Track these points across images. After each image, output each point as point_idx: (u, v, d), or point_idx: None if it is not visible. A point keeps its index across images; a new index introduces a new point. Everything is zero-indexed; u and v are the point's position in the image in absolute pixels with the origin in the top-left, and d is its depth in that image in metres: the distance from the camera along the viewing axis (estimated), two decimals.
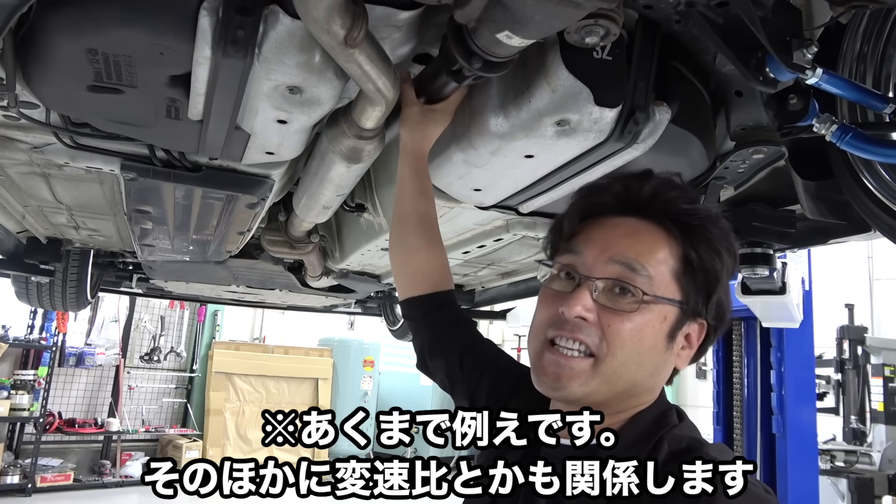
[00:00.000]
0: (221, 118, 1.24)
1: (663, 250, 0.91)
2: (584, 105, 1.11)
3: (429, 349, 1.31)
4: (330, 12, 0.88)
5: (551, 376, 0.89)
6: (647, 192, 0.94)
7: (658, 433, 0.89)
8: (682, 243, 0.91)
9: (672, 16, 1.10)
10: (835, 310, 7.13)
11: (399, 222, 1.38)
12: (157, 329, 8.99)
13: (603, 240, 0.93)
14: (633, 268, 0.89)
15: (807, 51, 1.01)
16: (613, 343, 0.87)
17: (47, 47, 1.05)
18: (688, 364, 0.96)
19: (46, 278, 3.30)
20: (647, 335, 0.88)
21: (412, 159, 1.35)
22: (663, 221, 0.92)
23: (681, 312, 0.90)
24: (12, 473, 6.98)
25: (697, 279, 0.91)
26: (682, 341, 0.93)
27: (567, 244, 0.97)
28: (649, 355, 0.89)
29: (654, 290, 0.88)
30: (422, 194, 1.36)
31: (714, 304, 0.93)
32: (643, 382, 0.91)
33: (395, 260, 1.41)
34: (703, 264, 0.90)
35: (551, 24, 0.90)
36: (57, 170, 1.86)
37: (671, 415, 0.93)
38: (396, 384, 10.47)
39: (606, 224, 0.95)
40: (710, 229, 0.91)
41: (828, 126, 1.14)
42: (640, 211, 0.94)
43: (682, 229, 0.91)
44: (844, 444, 6.51)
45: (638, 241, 0.91)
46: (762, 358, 4.63)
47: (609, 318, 0.88)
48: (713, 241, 0.91)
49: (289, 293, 4.06)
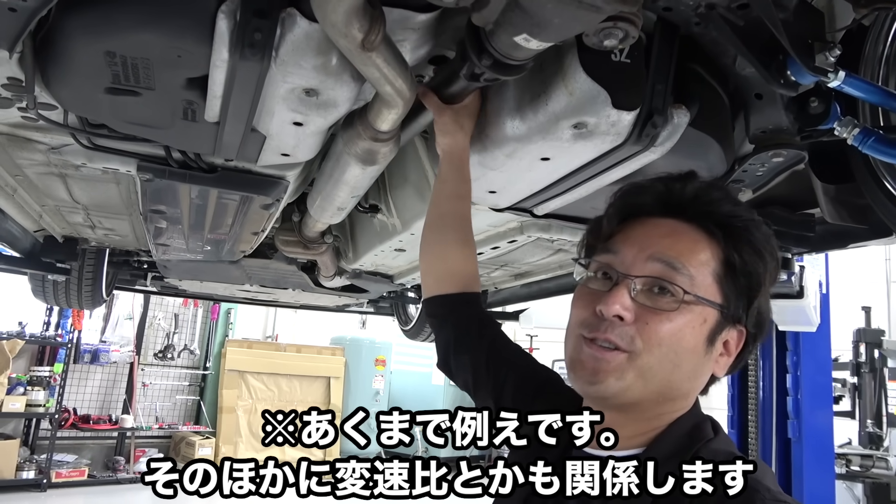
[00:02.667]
0: (238, 120, 1.25)
1: (705, 252, 0.88)
2: (602, 108, 1.10)
3: (454, 347, 1.27)
4: (348, 16, 0.88)
5: (589, 370, 0.87)
6: (689, 193, 0.92)
7: (693, 447, 0.86)
8: (724, 246, 0.88)
9: (692, 18, 1.09)
10: (851, 313, 7.06)
11: (438, 220, 1.35)
12: (170, 327, 9.05)
13: (642, 239, 0.91)
14: (674, 266, 0.86)
15: (829, 54, 1.00)
16: (650, 341, 0.85)
17: (66, 50, 1.06)
18: (726, 373, 0.93)
19: (63, 276, 3.32)
20: (687, 336, 0.86)
21: (457, 161, 1.33)
22: (705, 223, 0.90)
23: (721, 317, 0.88)
24: (28, 469, 7.05)
25: (739, 283, 0.88)
26: (721, 348, 0.90)
27: (605, 244, 0.94)
28: (688, 357, 0.87)
29: (696, 290, 0.86)
30: (463, 197, 1.35)
31: (755, 310, 0.90)
32: (680, 385, 0.89)
33: (428, 257, 1.37)
34: (745, 268, 0.88)
35: (570, 28, 0.89)
36: (74, 170, 1.87)
37: (706, 427, 0.90)
38: (408, 383, 10.48)
39: (646, 224, 0.93)
40: (754, 233, 0.89)
41: (850, 130, 1.12)
42: (682, 212, 0.91)
43: (725, 232, 0.89)
44: (860, 449, 6.43)
45: (679, 241, 0.89)
46: (778, 361, 4.58)
47: (647, 316, 0.86)
48: (756, 245, 0.88)
49: (302, 292, 4.07)
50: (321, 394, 9.32)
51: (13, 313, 7.30)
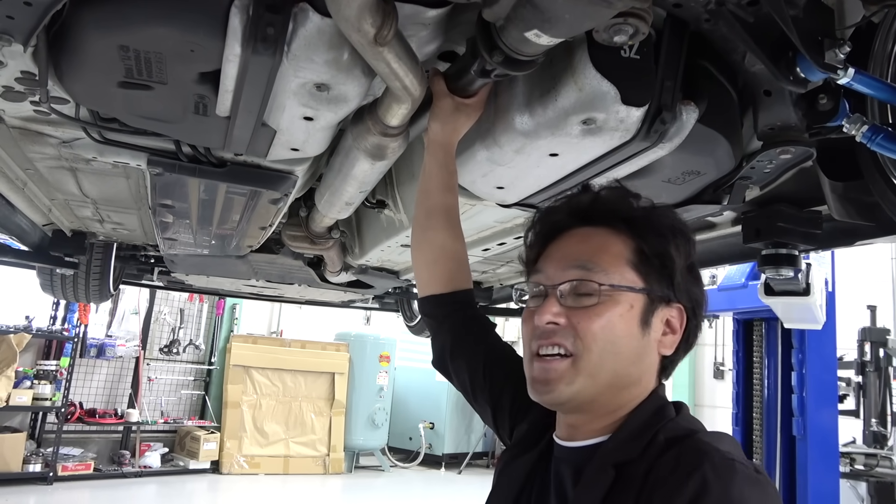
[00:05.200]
0: (248, 115, 1.25)
1: (615, 246, 0.98)
2: (611, 104, 1.10)
3: (451, 351, 1.32)
4: (361, 11, 0.89)
5: (540, 382, 0.95)
6: (586, 200, 1.03)
7: (654, 427, 0.92)
8: (632, 236, 0.98)
9: (701, 14, 1.09)
10: (856, 311, 7.03)
11: (426, 216, 1.37)
12: (176, 322, 9.08)
13: (560, 252, 1.01)
14: (587, 266, 0.95)
15: (839, 50, 1.00)
16: (586, 338, 0.93)
17: (80, 44, 1.07)
18: (677, 350, 0.99)
19: (71, 270, 3.34)
20: (617, 325, 0.93)
21: (441, 152, 1.35)
22: (611, 222, 1.00)
23: (648, 299, 0.96)
24: (34, 462, 7.08)
25: (654, 265, 0.97)
26: (662, 327, 0.97)
27: (535, 266, 1.05)
28: (625, 344, 0.94)
29: (612, 281, 0.94)
30: (449, 189, 1.36)
31: (680, 286, 0.98)
32: (627, 372, 0.95)
33: (419, 253, 1.40)
34: (654, 249, 0.97)
35: (581, 23, 0.90)
36: (84, 164, 1.89)
37: (668, 409, 0.96)
38: (412, 380, 10.50)
39: (563, 238, 1.03)
40: (655, 218, 0.99)
41: (858, 127, 1.12)
42: (589, 219, 1.02)
43: (629, 224, 0.99)
44: (864, 448, 6.41)
45: (589, 244, 0.99)
46: (783, 359, 4.58)
47: (577, 316, 0.94)
48: (659, 228, 0.98)
49: (307, 288, 4.08)
50: (325, 390, 9.34)
51: (20, 307, 7.33)
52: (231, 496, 7.87)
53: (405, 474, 9.75)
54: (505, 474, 1.09)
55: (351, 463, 9.51)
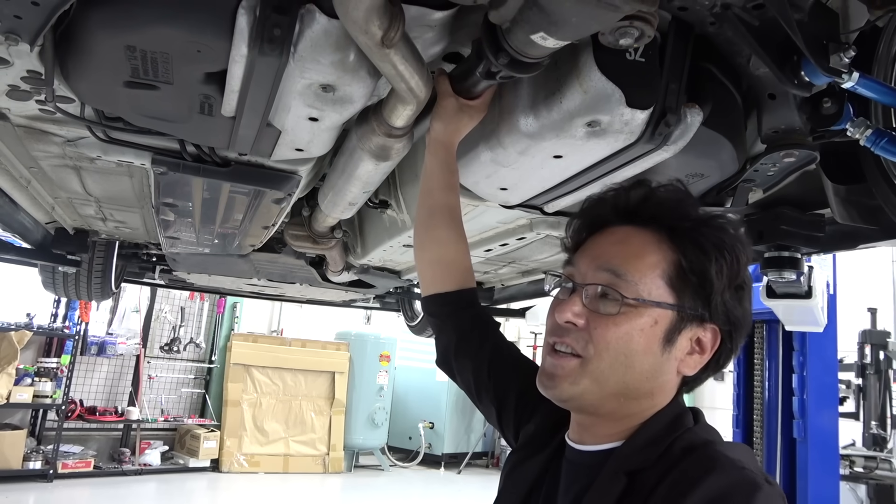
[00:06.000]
0: (254, 115, 1.26)
1: (653, 255, 0.92)
2: (616, 106, 1.10)
3: (455, 351, 1.31)
4: (369, 13, 0.89)
5: (547, 375, 0.94)
6: (635, 198, 0.97)
7: (671, 436, 0.89)
8: (673, 247, 0.92)
9: (707, 18, 1.09)
10: (857, 313, 7.03)
11: (428, 216, 1.37)
12: (177, 320, 9.09)
13: (596, 249, 0.97)
14: (618, 273, 0.91)
15: (844, 54, 1.00)
16: (599, 345, 0.90)
17: (87, 43, 1.07)
18: (701, 371, 0.95)
19: (73, 268, 3.34)
20: (636, 339, 0.89)
21: (443, 151, 1.34)
22: (655, 227, 0.94)
23: (677, 316, 0.91)
24: (35, 459, 7.09)
25: (691, 281, 0.91)
26: (689, 345, 0.92)
27: (571, 257, 1.02)
28: (640, 359, 0.90)
29: (641, 294, 0.90)
30: (451, 188, 1.36)
31: (718, 307, 0.91)
32: (638, 386, 0.91)
33: (422, 253, 1.39)
34: (693, 266, 0.90)
35: (588, 26, 0.90)
36: (88, 163, 1.89)
37: (686, 418, 0.93)
38: (412, 379, 10.50)
39: (603, 234, 0.99)
40: (703, 232, 0.92)
41: (862, 130, 1.13)
42: (634, 218, 0.96)
43: (673, 233, 0.93)
44: (864, 450, 6.41)
45: (626, 248, 0.94)
46: (784, 361, 4.58)
47: (596, 322, 0.91)
48: (702, 244, 0.91)
49: (309, 287, 4.09)
50: (325, 389, 9.34)
51: (21, 305, 7.34)
52: (231, 494, 7.87)
53: (405, 474, 9.75)
54: (512, 477, 1.07)
55: (350, 462, 9.51)
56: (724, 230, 0.93)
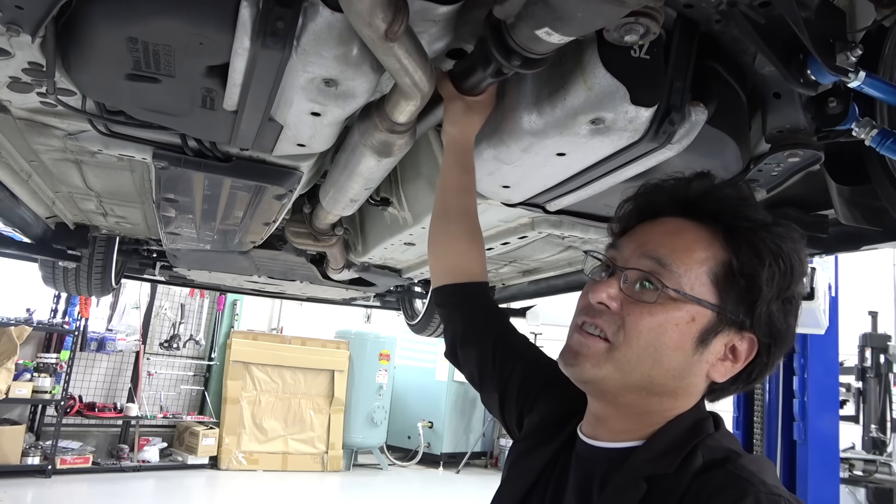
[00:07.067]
0: (256, 109, 1.25)
1: (704, 251, 0.88)
2: (620, 104, 1.10)
3: (461, 338, 1.29)
4: (373, 6, 0.88)
5: (571, 353, 0.91)
6: (695, 190, 0.93)
7: (692, 442, 0.86)
8: (726, 247, 0.88)
9: (713, 15, 1.09)
10: (858, 317, 7.03)
11: (443, 214, 1.36)
12: (176, 317, 9.09)
13: (644, 236, 0.93)
14: (663, 263, 0.88)
15: (850, 53, 1.00)
16: (630, 333, 0.86)
17: (88, 35, 1.07)
18: (731, 381, 0.91)
19: (73, 263, 3.34)
20: (669, 332, 0.86)
21: (460, 151, 1.34)
22: (711, 223, 0.90)
23: (716, 318, 0.87)
24: (33, 455, 7.09)
25: (738, 285, 0.86)
26: (723, 351, 0.88)
27: (616, 241, 0.98)
28: (670, 354, 0.86)
29: (682, 287, 0.86)
30: (465, 189, 1.36)
31: (761, 316, 0.87)
32: (663, 382, 0.88)
33: (435, 246, 1.38)
34: (743, 269, 0.86)
35: (593, 22, 0.89)
36: (89, 157, 1.89)
37: (707, 423, 0.90)
38: (411, 378, 10.50)
39: (655, 223, 0.95)
40: (760, 235, 0.87)
41: (868, 131, 1.12)
42: (691, 211, 0.92)
43: (729, 232, 0.88)
44: (864, 453, 6.41)
45: (676, 239, 0.90)
46: (785, 363, 4.58)
47: (630, 307, 0.88)
48: (758, 248, 0.86)
49: (309, 285, 4.08)
50: (325, 387, 9.34)
51: (21, 300, 7.34)
52: (229, 492, 7.87)
53: (403, 473, 9.75)
54: (517, 467, 1.04)
55: (349, 461, 9.51)
56: (785, 238, 0.88)
